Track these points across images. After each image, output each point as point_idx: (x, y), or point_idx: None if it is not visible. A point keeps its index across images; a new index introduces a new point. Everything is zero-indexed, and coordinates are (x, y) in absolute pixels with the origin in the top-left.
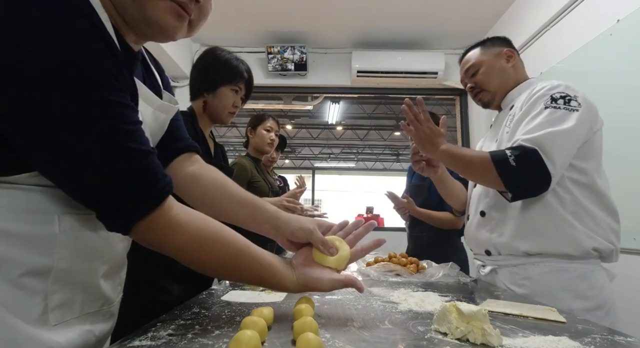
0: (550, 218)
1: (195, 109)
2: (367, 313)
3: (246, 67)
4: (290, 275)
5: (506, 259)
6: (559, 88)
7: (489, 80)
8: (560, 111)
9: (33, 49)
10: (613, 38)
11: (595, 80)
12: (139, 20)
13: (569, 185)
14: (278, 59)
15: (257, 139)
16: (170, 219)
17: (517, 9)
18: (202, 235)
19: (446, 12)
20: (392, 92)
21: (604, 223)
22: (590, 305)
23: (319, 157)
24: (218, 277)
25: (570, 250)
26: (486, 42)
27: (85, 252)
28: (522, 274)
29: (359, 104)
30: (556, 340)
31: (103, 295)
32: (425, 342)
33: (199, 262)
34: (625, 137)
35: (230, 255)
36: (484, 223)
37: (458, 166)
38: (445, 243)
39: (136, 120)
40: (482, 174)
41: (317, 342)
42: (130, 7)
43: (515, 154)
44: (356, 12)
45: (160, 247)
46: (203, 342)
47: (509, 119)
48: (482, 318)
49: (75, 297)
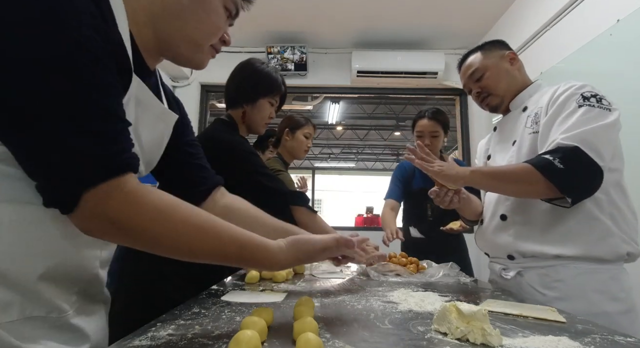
0: (585, 221)
1: (235, 117)
2: (367, 313)
3: (283, 80)
4: (278, 242)
5: (533, 261)
6: (587, 87)
7: (497, 83)
8: (596, 109)
9: None
10: (613, 38)
11: (595, 80)
12: (183, 58)
13: (607, 186)
14: (278, 59)
15: (295, 143)
16: (134, 188)
17: (517, 9)
18: (170, 204)
19: (446, 12)
20: (392, 92)
21: (632, 224)
22: (623, 308)
23: (319, 157)
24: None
25: (605, 255)
26: (485, 46)
27: (28, 246)
28: (554, 276)
29: (359, 104)
30: (556, 340)
31: (49, 301)
32: (425, 342)
33: (170, 237)
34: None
35: (204, 224)
36: (505, 227)
37: (497, 183)
38: (446, 243)
39: (112, 83)
40: (528, 184)
41: (317, 342)
42: (182, 48)
43: (559, 156)
44: (356, 12)
45: (119, 222)
46: (203, 342)
47: (529, 120)
48: (482, 318)
49: (12, 299)
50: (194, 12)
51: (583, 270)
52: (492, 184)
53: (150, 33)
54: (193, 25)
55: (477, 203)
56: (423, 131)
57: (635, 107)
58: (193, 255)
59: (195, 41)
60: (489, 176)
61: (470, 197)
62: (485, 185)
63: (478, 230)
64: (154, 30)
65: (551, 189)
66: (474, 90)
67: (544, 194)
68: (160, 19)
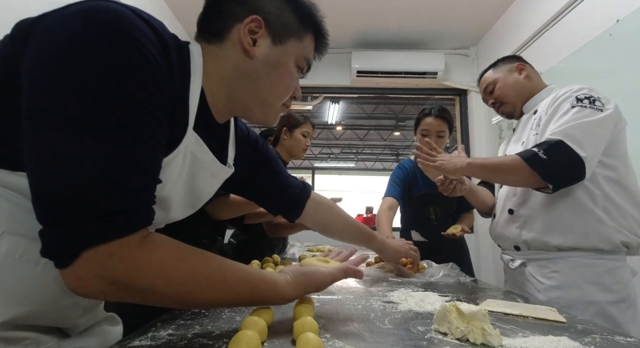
0: (580, 214)
1: None
2: (367, 313)
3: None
4: (285, 276)
5: (536, 254)
6: (583, 90)
7: (506, 93)
8: (587, 110)
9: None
10: (613, 38)
11: (595, 80)
12: (256, 117)
13: (600, 180)
14: None
15: (293, 142)
16: (137, 246)
17: (517, 9)
18: (181, 252)
19: (446, 12)
20: (392, 92)
21: (631, 217)
22: (614, 298)
23: (319, 157)
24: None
25: (600, 245)
26: (497, 63)
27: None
28: (552, 267)
29: (358, 104)
30: (556, 340)
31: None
32: (425, 342)
33: (179, 288)
34: None
35: (216, 271)
36: (513, 220)
37: (489, 174)
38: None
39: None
40: (516, 174)
41: (317, 342)
42: (254, 109)
43: (544, 148)
44: (356, 12)
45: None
46: (203, 342)
47: (534, 122)
48: (482, 318)
49: None
50: (269, 78)
51: (580, 263)
52: (484, 174)
53: (223, 94)
54: (267, 89)
55: (484, 194)
56: (429, 130)
57: (635, 107)
58: (202, 306)
59: (269, 103)
60: (481, 166)
61: (474, 188)
62: (479, 175)
63: (491, 223)
64: (227, 91)
65: (536, 178)
66: (489, 101)
67: (530, 183)
68: (234, 82)
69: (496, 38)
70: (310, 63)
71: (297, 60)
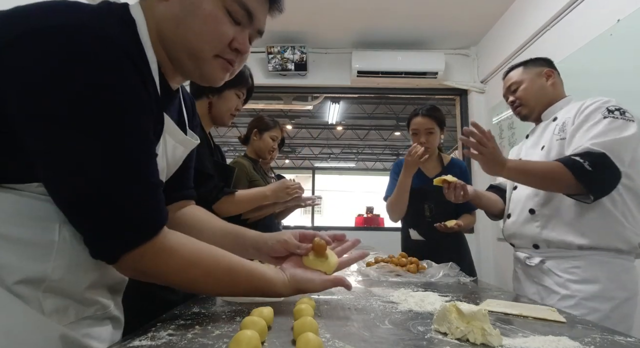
0: (604, 217)
1: (199, 109)
2: (367, 313)
3: (250, 73)
4: (282, 278)
5: (555, 251)
6: (612, 102)
7: (528, 96)
8: (619, 120)
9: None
10: (613, 38)
11: (595, 80)
12: (193, 74)
13: (621, 189)
14: (278, 59)
15: (262, 144)
16: (163, 245)
17: (517, 9)
18: (194, 257)
19: (446, 12)
20: (392, 92)
21: None
22: (629, 295)
23: (319, 157)
24: (213, 294)
25: (620, 245)
26: (528, 63)
27: (81, 262)
28: (573, 263)
29: (359, 104)
30: (556, 340)
31: (96, 302)
32: (425, 342)
33: (194, 283)
34: None
35: (223, 271)
36: (533, 219)
37: (529, 179)
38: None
39: (152, 152)
40: (558, 181)
41: (317, 342)
42: (187, 64)
43: (589, 160)
44: (356, 12)
45: (152, 275)
46: (203, 342)
47: (557, 128)
48: (482, 318)
49: (68, 305)
50: (190, 23)
51: (600, 261)
52: (524, 178)
53: (163, 53)
54: (191, 35)
55: (491, 198)
56: (418, 129)
57: (636, 107)
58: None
59: (195, 52)
60: (522, 171)
61: (480, 193)
62: (518, 179)
63: (505, 223)
64: (164, 49)
65: (577, 186)
66: (509, 98)
67: (568, 190)
68: (165, 35)
69: (497, 38)
70: (248, 9)
71: (225, 2)
